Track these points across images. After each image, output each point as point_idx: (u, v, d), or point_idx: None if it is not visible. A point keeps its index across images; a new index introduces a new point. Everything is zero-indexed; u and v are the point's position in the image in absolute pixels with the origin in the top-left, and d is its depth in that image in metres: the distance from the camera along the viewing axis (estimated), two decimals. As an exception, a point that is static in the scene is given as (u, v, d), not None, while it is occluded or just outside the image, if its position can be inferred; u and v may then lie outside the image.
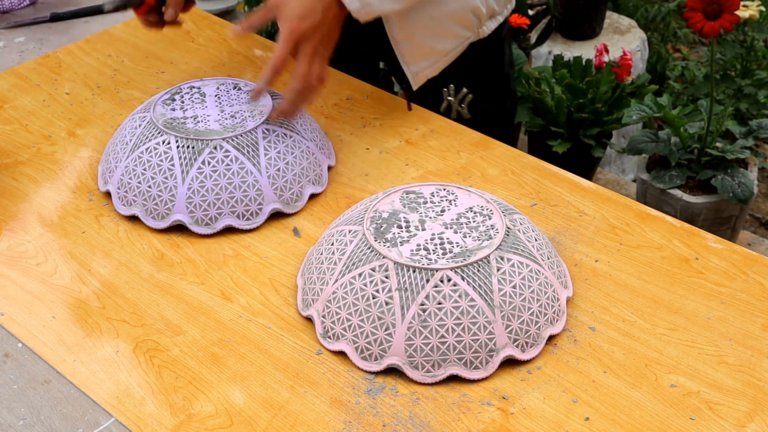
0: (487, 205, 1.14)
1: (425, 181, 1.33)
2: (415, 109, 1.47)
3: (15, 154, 1.40)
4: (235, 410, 1.03)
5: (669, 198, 2.28)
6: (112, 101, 1.51)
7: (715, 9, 2.00)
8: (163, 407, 1.03)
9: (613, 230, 1.25)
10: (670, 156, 2.26)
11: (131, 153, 1.27)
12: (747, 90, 2.67)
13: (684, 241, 1.23)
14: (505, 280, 1.06)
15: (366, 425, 1.01)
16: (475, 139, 1.41)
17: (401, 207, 1.14)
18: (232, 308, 1.15)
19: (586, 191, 1.31)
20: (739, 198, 2.19)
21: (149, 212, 1.25)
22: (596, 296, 1.15)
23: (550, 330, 1.09)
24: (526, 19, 2.37)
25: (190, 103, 1.32)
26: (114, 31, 1.70)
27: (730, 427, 1.00)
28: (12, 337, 1.12)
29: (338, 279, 1.08)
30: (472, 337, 1.04)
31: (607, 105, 2.35)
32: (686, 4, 2.02)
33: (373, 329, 1.05)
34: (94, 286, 1.18)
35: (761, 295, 1.15)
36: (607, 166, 2.80)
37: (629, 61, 2.32)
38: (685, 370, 1.06)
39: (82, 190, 1.33)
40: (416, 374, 1.05)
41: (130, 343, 1.10)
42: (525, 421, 1.01)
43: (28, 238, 1.25)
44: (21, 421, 1.02)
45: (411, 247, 1.08)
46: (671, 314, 1.13)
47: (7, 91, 1.54)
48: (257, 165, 1.25)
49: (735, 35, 2.83)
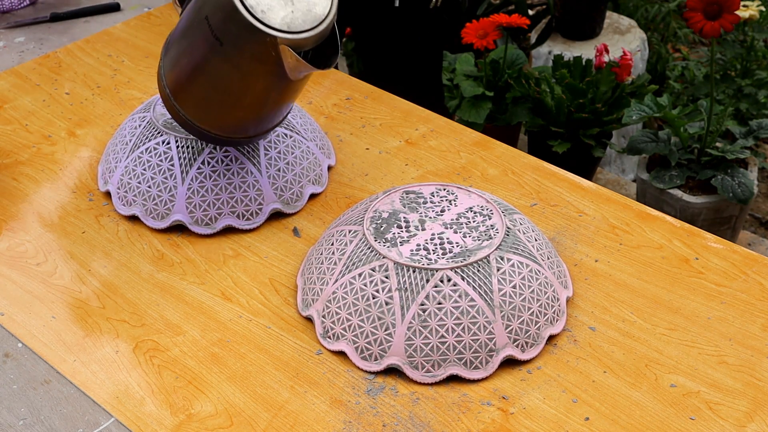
0: (487, 205, 1.14)
1: (425, 181, 1.33)
2: (415, 109, 1.47)
3: (15, 154, 1.40)
4: (235, 410, 1.03)
5: (669, 198, 2.28)
6: (112, 101, 1.51)
7: (715, 9, 2.00)
8: (163, 407, 1.03)
9: (613, 230, 1.25)
10: (670, 156, 2.26)
11: (131, 153, 1.27)
12: (747, 90, 2.67)
13: (684, 241, 1.23)
14: (505, 280, 1.06)
15: (366, 425, 1.01)
16: (475, 139, 1.41)
17: (401, 207, 1.14)
18: (232, 308, 1.15)
19: (586, 191, 1.31)
20: (739, 198, 2.19)
21: (149, 212, 1.25)
22: (596, 296, 1.15)
23: (550, 330, 1.09)
24: (526, 19, 2.36)
25: (190, 103, 1.32)
26: (114, 31, 1.70)
27: (730, 427, 1.00)
28: (12, 337, 1.12)
29: (338, 279, 1.08)
30: (472, 337, 1.04)
31: (607, 105, 2.35)
32: (686, 4, 2.02)
33: (373, 329, 1.05)
34: (94, 286, 1.18)
35: (761, 295, 1.15)
36: (607, 166, 2.80)
37: (629, 61, 2.32)
38: (685, 370, 1.06)
39: (82, 190, 1.33)
40: (416, 374, 1.05)
41: (130, 343, 1.10)
42: (525, 421, 1.01)
43: (28, 238, 1.25)
44: (21, 421, 1.02)
45: (411, 247, 1.08)
46: (671, 314, 1.13)
47: (7, 91, 1.54)
48: (257, 165, 1.25)
49: (735, 35, 2.83)
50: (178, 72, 1.14)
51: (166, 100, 1.18)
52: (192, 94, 1.15)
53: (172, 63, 1.15)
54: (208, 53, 1.09)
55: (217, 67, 1.09)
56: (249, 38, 1.04)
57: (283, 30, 1.04)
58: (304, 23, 1.05)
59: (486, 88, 2.45)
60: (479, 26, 2.37)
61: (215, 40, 1.06)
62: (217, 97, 1.13)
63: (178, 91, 1.16)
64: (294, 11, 1.04)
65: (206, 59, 1.09)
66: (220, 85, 1.12)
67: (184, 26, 1.12)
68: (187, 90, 1.15)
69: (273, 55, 1.05)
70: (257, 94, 1.13)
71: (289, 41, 1.04)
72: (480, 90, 2.42)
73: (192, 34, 1.10)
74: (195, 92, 1.15)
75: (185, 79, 1.14)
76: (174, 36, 1.15)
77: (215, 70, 1.10)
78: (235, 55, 1.07)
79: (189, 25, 1.11)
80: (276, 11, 1.04)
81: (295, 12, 1.04)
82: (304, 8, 1.05)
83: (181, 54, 1.13)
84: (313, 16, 1.05)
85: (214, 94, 1.13)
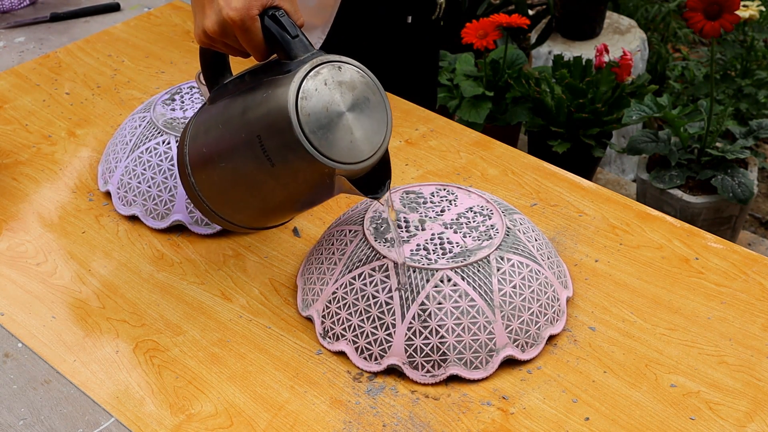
0: (487, 205, 1.14)
1: (425, 181, 1.33)
2: (415, 109, 1.47)
3: (15, 154, 1.40)
4: (235, 410, 1.03)
5: (669, 198, 2.28)
6: (112, 101, 1.51)
7: (715, 9, 2.00)
8: (163, 407, 1.03)
9: (613, 230, 1.25)
10: (670, 156, 2.26)
11: (131, 153, 1.27)
12: (747, 90, 2.67)
13: (684, 241, 1.23)
14: (505, 280, 1.06)
15: (366, 425, 1.01)
16: (475, 139, 1.41)
17: (401, 207, 1.14)
18: (232, 308, 1.15)
19: (586, 191, 1.31)
20: (739, 198, 2.19)
21: (149, 212, 1.25)
22: (596, 296, 1.15)
23: (550, 330, 1.09)
24: (526, 19, 2.36)
25: (190, 103, 1.32)
26: (114, 31, 1.70)
27: (730, 427, 1.00)
28: (12, 337, 1.12)
29: (338, 279, 1.08)
30: (472, 337, 1.04)
31: (607, 105, 2.35)
32: (686, 4, 2.02)
33: (373, 329, 1.05)
34: (94, 286, 1.18)
35: (761, 295, 1.15)
36: (607, 166, 2.80)
37: (629, 61, 2.32)
38: (685, 370, 1.06)
39: (82, 190, 1.33)
40: (416, 374, 1.05)
41: (130, 343, 1.10)
42: (525, 421, 1.01)
43: (28, 238, 1.25)
44: (21, 421, 1.02)
45: (411, 247, 1.08)
46: (671, 314, 1.13)
47: (7, 91, 1.54)
48: (257, 165, 1.25)
49: (735, 35, 2.83)
50: (210, 166, 1.07)
51: (185, 176, 1.10)
52: (221, 190, 1.09)
53: (203, 156, 1.08)
54: (252, 167, 1.02)
55: (261, 181, 1.03)
56: (306, 168, 0.98)
57: (343, 162, 0.97)
58: (362, 153, 0.98)
59: (486, 88, 2.45)
60: (479, 26, 2.37)
61: (266, 159, 1.00)
62: (250, 201, 1.07)
63: (204, 180, 1.09)
64: (353, 141, 0.98)
65: (250, 172, 1.03)
66: (258, 193, 1.05)
67: (224, 131, 1.04)
68: (216, 185, 1.09)
69: (327, 182, 0.99)
70: (295, 207, 1.08)
71: (347, 172, 0.98)
72: (480, 90, 2.42)
73: (236, 146, 1.03)
74: (227, 191, 1.08)
75: (217, 177, 1.07)
76: (207, 129, 1.07)
77: (258, 183, 1.03)
78: (286, 177, 1.01)
79: (233, 135, 1.03)
80: (337, 142, 0.97)
81: (354, 141, 0.98)
82: (362, 137, 0.98)
83: (217, 155, 1.06)
84: (372, 144, 0.99)
85: (248, 198, 1.07)
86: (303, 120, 0.95)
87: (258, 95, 1.00)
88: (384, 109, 1.00)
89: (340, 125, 0.96)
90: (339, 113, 0.96)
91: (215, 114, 1.06)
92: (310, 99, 0.95)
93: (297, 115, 0.95)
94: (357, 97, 0.98)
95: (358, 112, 0.98)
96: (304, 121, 0.95)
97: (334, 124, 0.96)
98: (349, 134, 0.97)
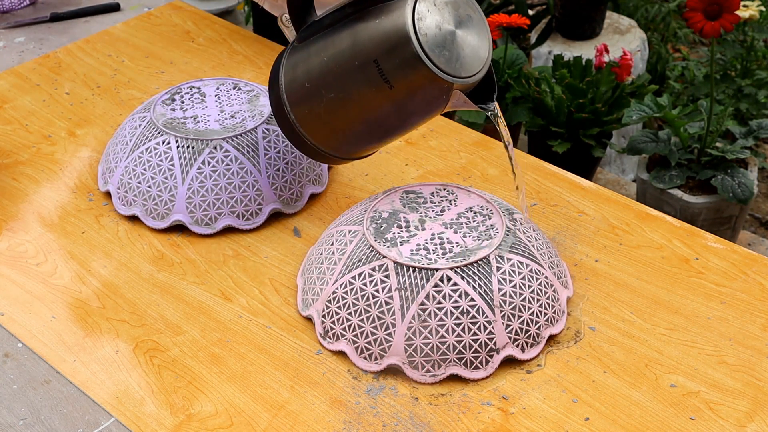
0: (487, 205, 1.14)
1: (425, 181, 1.33)
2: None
3: (15, 154, 1.40)
4: (235, 410, 1.03)
5: (669, 198, 2.28)
6: (112, 101, 1.51)
7: (715, 9, 2.00)
8: (163, 407, 1.03)
9: (613, 230, 1.25)
10: (670, 156, 2.26)
11: (131, 153, 1.27)
12: (747, 90, 2.67)
13: (684, 241, 1.23)
14: (505, 280, 1.06)
15: (366, 425, 1.01)
16: (475, 139, 1.41)
17: (401, 207, 1.14)
18: (232, 308, 1.15)
19: (586, 191, 1.31)
20: (739, 198, 2.19)
21: (149, 212, 1.25)
22: (596, 296, 1.15)
23: (550, 330, 1.09)
24: (526, 19, 2.36)
25: (190, 103, 1.32)
26: (114, 31, 1.70)
27: (730, 427, 1.00)
28: (12, 337, 1.12)
29: (338, 279, 1.08)
30: (472, 337, 1.04)
31: (607, 105, 2.35)
32: (686, 4, 2.02)
33: (373, 329, 1.05)
34: (94, 286, 1.18)
35: (761, 295, 1.15)
36: (607, 166, 2.80)
37: (629, 61, 2.32)
38: (685, 370, 1.06)
39: (82, 190, 1.33)
40: (416, 374, 1.05)
41: (130, 343, 1.10)
42: (525, 421, 1.01)
43: (28, 238, 1.25)
44: (21, 421, 1.02)
45: (411, 247, 1.08)
46: (671, 314, 1.13)
47: (7, 91, 1.54)
48: (257, 165, 1.25)
49: (735, 35, 2.83)
50: (315, 101, 1.10)
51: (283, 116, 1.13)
52: (327, 122, 1.12)
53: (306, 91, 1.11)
54: (368, 93, 1.06)
55: (377, 105, 1.07)
56: (427, 85, 1.03)
57: (460, 76, 1.03)
58: (473, 67, 1.04)
59: (486, 88, 2.44)
60: (479, 26, 2.37)
61: (384, 82, 1.04)
62: (360, 128, 1.11)
63: (307, 116, 1.12)
64: (465, 56, 1.04)
65: (364, 97, 1.07)
66: (372, 118, 1.09)
67: (330, 63, 1.08)
68: (322, 118, 1.11)
69: (444, 97, 1.04)
70: (406, 126, 1.11)
71: (463, 86, 1.04)
72: (480, 90, 2.42)
73: (348, 74, 1.06)
74: (334, 122, 1.11)
75: (324, 110, 1.10)
76: (308, 64, 1.10)
77: (373, 107, 1.07)
78: (404, 97, 1.05)
79: (343, 64, 1.06)
80: (452, 58, 1.03)
81: (465, 57, 1.04)
82: (471, 52, 1.04)
83: (324, 87, 1.09)
84: (479, 58, 1.05)
85: (358, 125, 1.11)
86: (422, 39, 1.02)
87: (370, 22, 1.05)
88: (484, 25, 1.06)
89: (453, 42, 1.03)
90: (450, 31, 1.03)
91: (317, 49, 1.10)
92: (425, 19, 1.02)
93: (416, 35, 1.01)
94: (461, 15, 1.04)
95: (464, 29, 1.04)
96: (423, 40, 1.02)
97: (448, 41, 1.03)
98: (461, 50, 1.04)
